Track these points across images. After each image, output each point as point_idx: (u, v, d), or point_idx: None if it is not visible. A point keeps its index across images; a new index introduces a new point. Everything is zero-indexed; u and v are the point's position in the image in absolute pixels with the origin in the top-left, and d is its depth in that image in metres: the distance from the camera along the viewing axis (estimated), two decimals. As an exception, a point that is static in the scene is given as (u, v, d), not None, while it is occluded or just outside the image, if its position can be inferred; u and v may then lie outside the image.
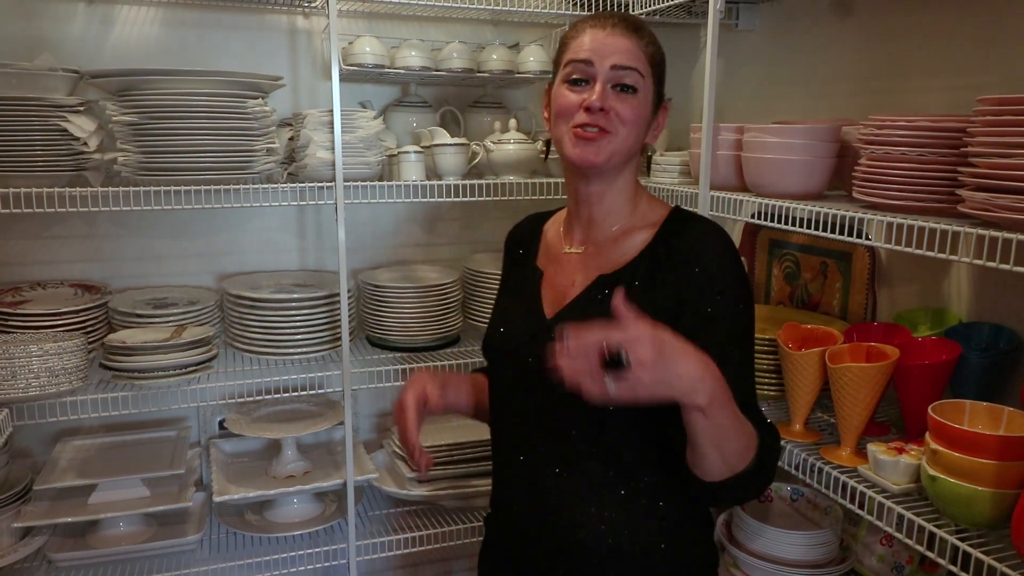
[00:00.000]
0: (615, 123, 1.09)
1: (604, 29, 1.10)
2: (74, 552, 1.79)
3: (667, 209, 1.18)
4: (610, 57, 1.09)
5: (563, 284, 1.19)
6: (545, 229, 1.30)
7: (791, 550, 1.49)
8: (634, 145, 1.13)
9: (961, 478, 1.08)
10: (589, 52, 1.09)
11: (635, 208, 1.18)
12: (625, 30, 1.10)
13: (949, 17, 1.49)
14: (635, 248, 1.13)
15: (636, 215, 1.18)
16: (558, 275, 1.21)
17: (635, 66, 1.09)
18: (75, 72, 1.71)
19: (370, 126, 1.85)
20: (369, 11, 2.10)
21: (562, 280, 1.19)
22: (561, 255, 1.22)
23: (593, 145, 1.09)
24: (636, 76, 1.10)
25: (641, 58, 1.10)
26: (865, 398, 1.33)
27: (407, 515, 2.13)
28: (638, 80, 1.10)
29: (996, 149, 1.05)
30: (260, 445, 2.12)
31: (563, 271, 1.20)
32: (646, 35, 1.12)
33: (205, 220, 2.10)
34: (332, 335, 1.95)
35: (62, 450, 1.93)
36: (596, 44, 1.09)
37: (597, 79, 1.09)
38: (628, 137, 1.11)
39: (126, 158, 1.66)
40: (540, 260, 1.26)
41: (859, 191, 1.31)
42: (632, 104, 1.10)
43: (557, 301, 1.18)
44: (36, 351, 1.56)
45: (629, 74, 1.09)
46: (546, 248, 1.26)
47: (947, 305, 1.52)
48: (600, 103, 1.07)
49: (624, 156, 1.13)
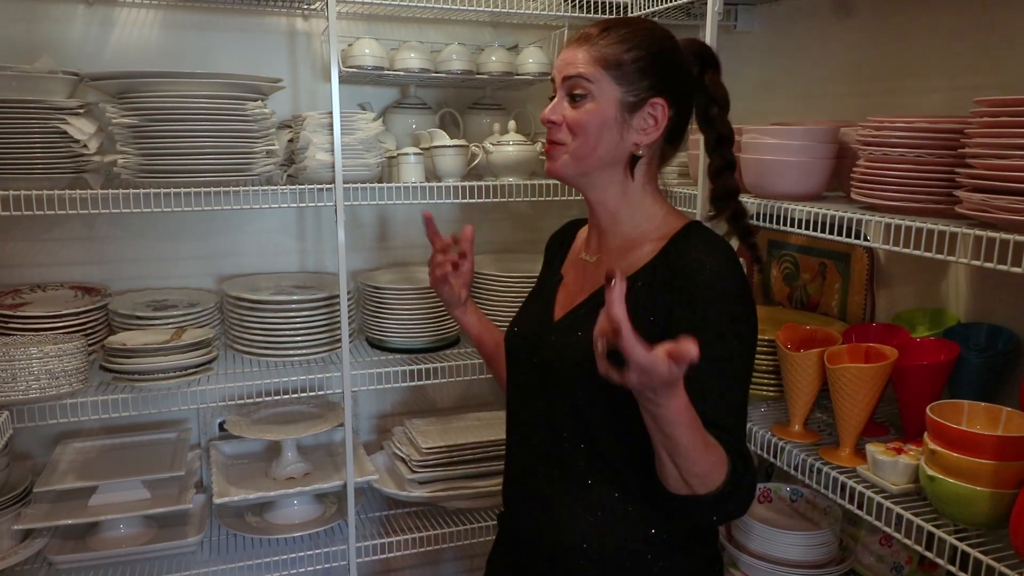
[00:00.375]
0: (564, 134, 1.12)
1: (569, 44, 1.14)
2: (74, 554, 1.79)
3: (682, 223, 1.16)
4: (564, 69, 1.13)
5: (576, 290, 1.22)
6: (578, 235, 1.33)
7: (790, 550, 1.50)
8: (599, 151, 1.12)
9: (960, 478, 1.09)
10: (555, 70, 1.15)
11: (648, 218, 1.17)
12: (580, 40, 1.13)
13: (947, 19, 1.49)
14: (642, 259, 1.13)
15: (650, 226, 1.16)
16: (575, 281, 1.24)
17: (578, 73, 1.10)
18: (75, 74, 1.71)
19: (369, 128, 1.85)
20: (368, 13, 2.10)
21: (576, 286, 1.23)
22: (579, 262, 1.25)
23: (550, 158, 1.16)
24: (583, 82, 1.10)
25: (588, 62, 1.10)
26: (864, 399, 1.33)
27: (407, 517, 2.13)
28: (587, 86, 1.10)
29: (993, 150, 1.06)
30: (260, 447, 2.12)
31: (579, 277, 1.23)
32: (603, 39, 1.11)
33: (205, 222, 2.10)
34: (332, 337, 1.95)
35: (62, 452, 1.93)
36: (560, 61, 1.14)
37: (559, 93, 1.14)
38: (584, 144, 1.11)
39: (126, 160, 1.67)
40: (565, 266, 1.29)
41: (857, 192, 1.31)
42: (583, 111, 1.10)
43: (568, 305, 1.21)
44: (36, 353, 1.56)
45: (576, 82, 1.11)
46: (572, 254, 1.30)
47: (945, 306, 1.53)
48: (549, 116, 1.12)
49: (591, 163, 1.12)
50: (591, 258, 1.22)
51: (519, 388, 1.23)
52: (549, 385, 1.16)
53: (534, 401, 1.19)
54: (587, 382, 1.08)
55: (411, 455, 2.06)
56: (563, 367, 1.12)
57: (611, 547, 1.11)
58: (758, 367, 1.59)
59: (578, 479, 1.14)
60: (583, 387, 1.10)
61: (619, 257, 1.16)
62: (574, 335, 1.13)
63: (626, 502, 1.12)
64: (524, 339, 1.23)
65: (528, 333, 1.23)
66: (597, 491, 1.13)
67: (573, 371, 1.11)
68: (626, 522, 1.12)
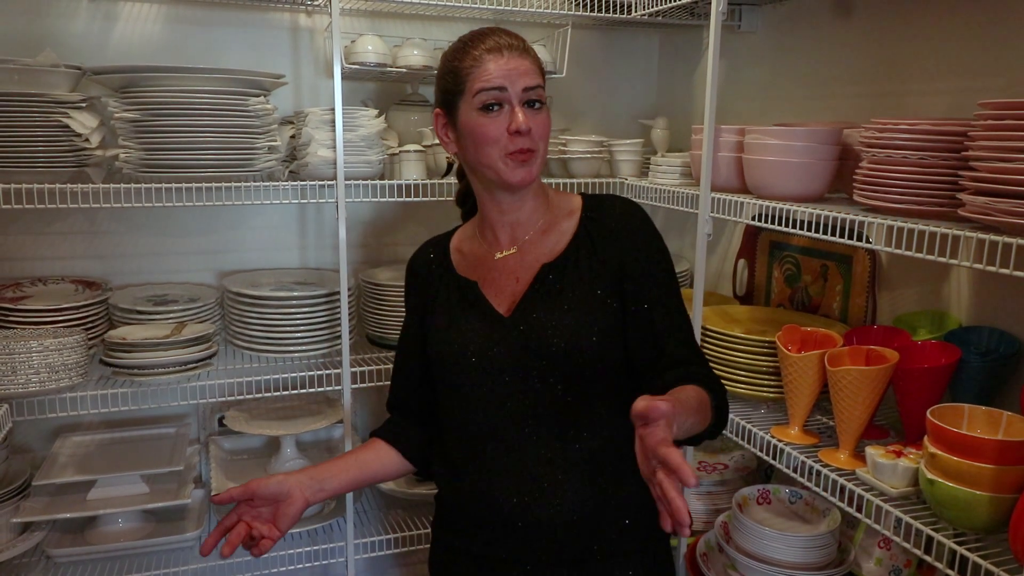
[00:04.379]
0: (537, 140, 1.18)
1: (502, 54, 1.16)
2: (73, 548, 1.80)
3: (578, 197, 1.29)
4: (519, 80, 1.15)
5: (506, 283, 1.24)
6: (454, 247, 1.33)
7: (789, 552, 1.49)
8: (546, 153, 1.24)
9: (959, 482, 1.08)
10: (500, 79, 1.15)
11: (548, 202, 1.28)
12: (521, 50, 1.18)
13: (952, 20, 1.49)
14: (566, 234, 1.24)
15: (552, 208, 1.27)
16: (498, 279, 1.25)
17: (538, 83, 1.17)
18: (77, 68, 1.71)
19: (372, 125, 1.85)
20: (371, 10, 2.10)
21: (504, 281, 1.24)
22: (493, 261, 1.26)
23: (527, 166, 1.17)
24: (541, 91, 1.18)
25: (538, 73, 1.18)
26: (864, 401, 1.33)
27: (406, 513, 2.13)
28: (543, 95, 1.19)
29: (997, 153, 1.05)
30: (259, 443, 2.13)
31: (501, 274, 1.25)
32: (530, 48, 1.20)
33: (206, 217, 2.10)
34: (332, 333, 1.95)
35: (61, 446, 1.94)
36: (502, 70, 1.15)
37: (512, 103, 1.16)
38: (545, 150, 1.21)
39: (128, 155, 1.67)
40: (466, 273, 1.28)
41: (860, 194, 1.31)
42: (544, 118, 1.19)
43: (507, 299, 1.23)
44: (36, 347, 1.56)
45: (538, 92, 1.17)
46: (468, 261, 1.29)
47: (947, 309, 1.52)
48: (527, 125, 1.15)
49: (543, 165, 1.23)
50: (509, 251, 1.26)
51: (480, 388, 1.21)
52: (519, 374, 1.18)
53: (505, 392, 1.19)
54: (588, 357, 1.17)
55: (410, 452, 2.06)
56: (563, 345, 1.16)
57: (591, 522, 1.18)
58: (758, 368, 1.59)
59: (562, 455, 1.17)
60: (579, 361, 1.17)
61: (541, 240, 1.24)
62: (552, 317, 1.17)
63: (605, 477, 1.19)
64: (477, 342, 1.20)
65: (479, 336, 1.21)
66: (577, 466, 1.18)
67: (571, 349, 1.16)
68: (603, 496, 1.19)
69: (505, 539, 1.21)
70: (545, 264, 1.22)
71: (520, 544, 1.20)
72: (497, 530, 1.21)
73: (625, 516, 1.21)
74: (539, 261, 1.22)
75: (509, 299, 1.23)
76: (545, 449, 1.18)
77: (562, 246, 1.23)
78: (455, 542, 1.29)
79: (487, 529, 1.23)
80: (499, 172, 1.17)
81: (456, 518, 1.29)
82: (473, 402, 1.22)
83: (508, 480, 1.19)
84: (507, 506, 1.19)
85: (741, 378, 1.60)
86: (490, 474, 1.21)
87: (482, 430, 1.22)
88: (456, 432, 1.27)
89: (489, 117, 1.16)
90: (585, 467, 1.18)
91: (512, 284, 1.24)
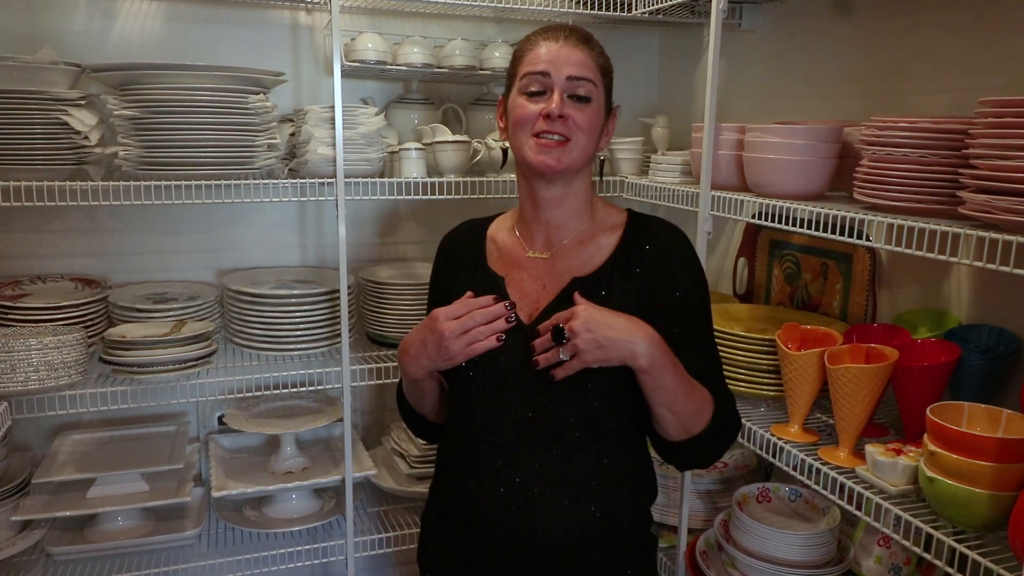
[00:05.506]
0: (574, 130, 1.15)
1: (557, 42, 1.15)
2: (72, 546, 1.80)
3: (623, 213, 1.27)
4: (565, 68, 1.14)
5: (533, 288, 1.21)
6: (491, 235, 1.31)
7: (789, 550, 1.49)
8: (590, 152, 1.19)
9: (959, 480, 1.08)
10: (545, 64, 1.14)
11: (593, 212, 1.25)
12: (577, 42, 1.16)
13: (953, 18, 1.49)
14: (603, 250, 1.22)
15: (595, 220, 1.25)
16: (525, 280, 1.23)
17: (588, 76, 1.15)
18: (77, 66, 1.71)
19: (371, 122, 1.85)
20: (371, 7, 2.10)
21: (531, 284, 1.22)
22: (524, 259, 1.24)
23: (555, 152, 1.14)
24: (590, 86, 1.15)
25: (593, 68, 1.16)
26: (864, 399, 1.33)
27: (405, 512, 2.13)
28: (591, 90, 1.16)
29: (997, 151, 1.05)
30: (259, 441, 2.12)
31: (530, 275, 1.22)
32: (596, 46, 1.19)
33: (206, 215, 2.10)
34: (332, 331, 1.95)
35: (61, 444, 1.94)
36: (551, 56, 1.14)
37: (554, 89, 1.14)
38: (586, 144, 1.17)
39: (127, 152, 1.66)
40: (495, 265, 1.26)
41: (860, 192, 1.31)
42: (587, 112, 1.16)
43: (531, 305, 1.20)
44: (36, 345, 1.56)
45: (583, 84, 1.15)
46: (500, 253, 1.27)
47: (947, 307, 1.52)
48: (559, 110, 1.13)
49: (581, 162, 1.19)
50: (542, 255, 1.23)
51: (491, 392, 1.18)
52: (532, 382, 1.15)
53: (524, 404, 1.16)
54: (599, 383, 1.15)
55: (409, 451, 2.07)
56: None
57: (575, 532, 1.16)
58: (758, 366, 1.59)
59: (572, 464, 1.15)
60: (591, 384, 1.15)
61: (577, 250, 1.22)
62: None
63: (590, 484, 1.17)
64: (499, 349, 1.16)
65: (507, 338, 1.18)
66: (590, 486, 1.16)
67: (584, 375, 1.13)
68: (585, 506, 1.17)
69: (486, 542, 1.19)
70: (576, 277, 1.19)
71: (501, 552, 1.18)
72: (481, 534, 1.20)
73: (613, 543, 1.18)
74: (570, 273, 1.20)
75: (532, 305, 1.20)
76: (540, 463, 1.15)
77: (597, 262, 1.20)
78: (437, 533, 1.29)
79: (470, 528, 1.21)
80: (524, 153, 1.16)
81: (443, 510, 1.28)
82: (476, 401, 1.21)
83: (498, 485, 1.17)
84: (493, 511, 1.17)
85: (741, 376, 1.60)
86: (482, 475, 1.19)
87: (481, 429, 1.20)
88: (457, 424, 1.25)
89: (531, 100, 1.15)
90: (580, 488, 1.15)
91: (538, 290, 1.21)
